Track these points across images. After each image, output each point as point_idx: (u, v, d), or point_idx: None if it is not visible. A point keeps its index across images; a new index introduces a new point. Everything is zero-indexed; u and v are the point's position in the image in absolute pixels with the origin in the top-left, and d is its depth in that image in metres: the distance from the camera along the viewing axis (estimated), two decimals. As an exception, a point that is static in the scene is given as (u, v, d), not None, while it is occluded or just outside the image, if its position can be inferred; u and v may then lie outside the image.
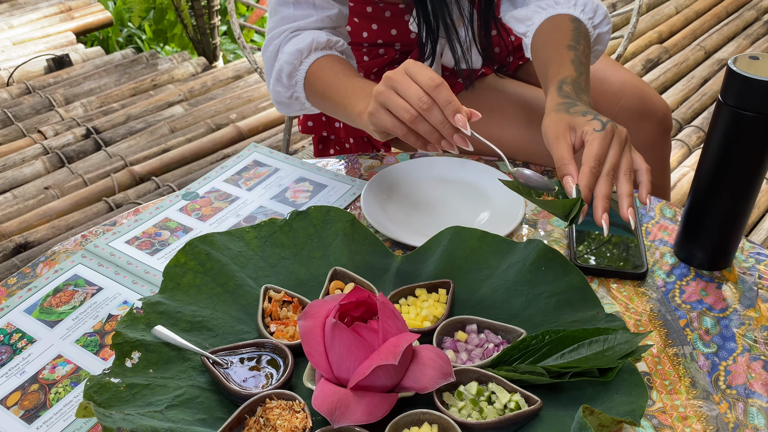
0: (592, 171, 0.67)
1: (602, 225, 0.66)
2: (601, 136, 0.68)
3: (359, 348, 0.57)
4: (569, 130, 0.71)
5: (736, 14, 2.85)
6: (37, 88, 2.32)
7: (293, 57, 0.87)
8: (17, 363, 0.69)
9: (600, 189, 0.67)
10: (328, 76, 0.85)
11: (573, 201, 0.67)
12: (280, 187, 0.95)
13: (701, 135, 2.08)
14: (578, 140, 0.71)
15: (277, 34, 0.91)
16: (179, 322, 0.68)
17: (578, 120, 0.71)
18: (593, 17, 0.90)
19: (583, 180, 0.66)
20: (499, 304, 0.71)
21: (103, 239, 0.85)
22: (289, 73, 0.88)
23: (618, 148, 0.69)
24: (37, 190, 1.84)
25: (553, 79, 0.80)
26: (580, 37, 0.86)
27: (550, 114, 0.75)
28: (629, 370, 0.61)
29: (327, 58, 0.88)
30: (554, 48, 0.85)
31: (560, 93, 0.77)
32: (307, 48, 0.87)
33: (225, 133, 2.08)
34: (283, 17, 0.91)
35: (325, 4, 0.90)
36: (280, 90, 0.91)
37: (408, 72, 0.69)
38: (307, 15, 0.91)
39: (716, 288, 0.78)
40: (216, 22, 2.71)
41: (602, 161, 0.68)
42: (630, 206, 0.67)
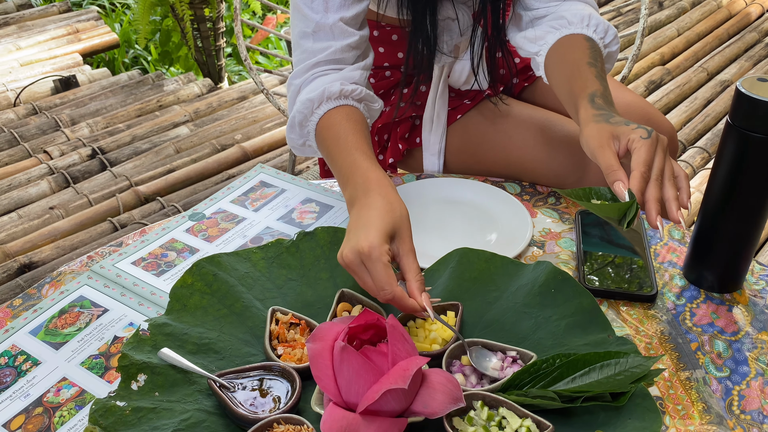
0: (643, 176, 0.69)
1: (658, 227, 0.68)
2: (648, 143, 0.70)
3: (368, 372, 0.56)
4: (613, 138, 0.73)
5: (737, 36, 2.87)
6: (44, 108, 2.33)
7: (305, 107, 0.86)
8: (21, 386, 0.68)
9: (651, 193, 0.69)
10: (332, 140, 0.83)
11: (628, 204, 0.69)
12: (287, 208, 0.94)
13: (705, 156, 2.08)
14: (623, 148, 0.73)
15: (300, 72, 0.90)
16: (186, 344, 0.67)
17: (622, 129, 0.73)
18: (604, 37, 0.91)
19: (635, 184, 0.68)
20: (508, 327, 0.70)
21: (109, 260, 0.84)
22: (300, 122, 0.88)
23: (662, 155, 0.71)
24: (42, 210, 1.85)
25: (581, 93, 0.81)
26: (597, 55, 0.87)
27: (589, 125, 0.76)
28: (642, 395, 0.60)
29: (337, 112, 0.85)
30: (575, 65, 0.86)
31: (593, 105, 0.79)
32: (318, 98, 0.85)
33: (230, 154, 2.09)
34: (305, 50, 0.90)
35: (344, 32, 0.89)
36: (294, 137, 0.91)
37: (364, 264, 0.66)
38: (326, 47, 0.89)
39: (727, 311, 0.77)
40: (221, 43, 2.74)
41: (650, 167, 0.70)
42: (678, 209, 0.69)
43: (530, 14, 0.98)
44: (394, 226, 0.69)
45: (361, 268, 0.67)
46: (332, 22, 0.88)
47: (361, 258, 0.66)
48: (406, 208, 0.72)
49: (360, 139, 0.81)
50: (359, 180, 0.75)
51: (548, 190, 0.98)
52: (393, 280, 0.65)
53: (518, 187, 0.99)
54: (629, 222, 0.69)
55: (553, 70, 0.91)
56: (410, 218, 0.90)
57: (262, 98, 2.44)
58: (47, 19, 2.88)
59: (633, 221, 0.69)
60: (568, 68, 0.87)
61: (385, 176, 0.76)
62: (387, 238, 0.67)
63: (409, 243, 0.69)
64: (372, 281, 0.66)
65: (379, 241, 0.66)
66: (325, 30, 0.88)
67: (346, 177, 0.78)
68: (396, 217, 0.70)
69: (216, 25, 2.69)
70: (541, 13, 0.97)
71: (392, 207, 0.71)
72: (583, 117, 0.78)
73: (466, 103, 1.06)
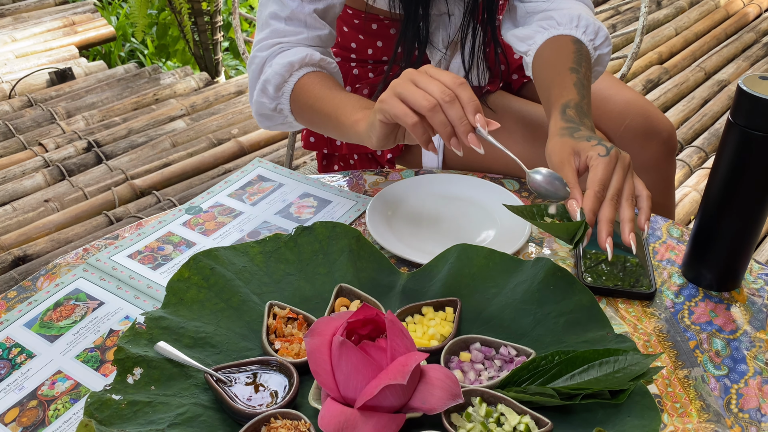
0: (596, 195, 0.68)
1: (606, 249, 0.67)
2: (605, 161, 0.69)
3: (367, 367, 0.56)
4: (574, 154, 0.72)
5: (735, 36, 2.87)
6: (39, 101, 2.32)
7: (283, 69, 0.87)
8: (16, 378, 0.68)
9: (604, 213, 0.68)
10: (319, 89, 0.85)
11: (577, 224, 0.68)
12: (285, 203, 0.94)
13: (702, 155, 2.08)
14: (582, 165, 0.72)
15: (266, 46, 0.91)
16: (182, 338, 0.67)
17: (582, 145, 0.72)
18: (594, 39, 0.90)
19: (587, 204, 0.67)
20: (507, 323, 0.70)
21: (105, 253, 0.84)
22: (277, 84, 0.88)
23: (621, 173, 0.70)
24: (37, 203, 1.83)
25: (556, 102, 0.80)
26: (581, 59, 0.86)
27: (554, 138, 0.75)
28: (641, 393, 0.60)
29: (318, 73, 0.88)
30: (556, 70, 0.85)
31: (564, 117, 0.78)
32: (299, 62, 0.87)
33: (226, 148, 2.08)
34: (274, 30, 0.91)
35: (316, 23, 0.91)
36: (264, 101, 0.91)
37: (429, 72, 0.70)
38: (297, 32, 0.91)
39: (725, 309, 0.77)
40: (219, 37, 2.72)
41: (606, 186, 0.69)
42: (631, 231, 0.68)
43: (524, 7, 0.97)
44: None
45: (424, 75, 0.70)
46: (307, 12, 0.90)
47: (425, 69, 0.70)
48: None
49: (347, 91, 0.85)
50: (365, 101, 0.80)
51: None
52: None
53: (517, 183, 0.99)
54: (577, 242, 0.68)
55: (537, 73, 0.91)
56: (408, 214, 0.91)
57: (259, 93, 2.43)
58: (43, 11, 2.86)
59: (582, 241, 0.68)
60: (550, 73, 0.87)
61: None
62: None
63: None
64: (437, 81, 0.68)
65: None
66: (299, 18, 0.90)
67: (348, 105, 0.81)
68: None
69: (213, 19, 2.68)
70: (535, 8, 0.96)
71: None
72: (551, 129, 0.78)
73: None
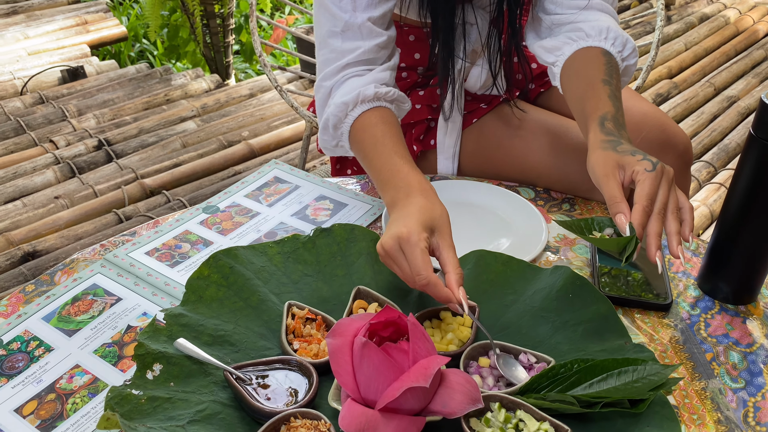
0: (645, 210, 0.69)
1: (656, 262, 0.68)
2: (652, 177, 0.70)
3: (389, 369, 0.56)
4: (618, 168, 0.73)
5: (744, 53, 2.88)
6: (51, 98, 2.33)
7: (339, 110, 0.87)
8: (34, 371, 0.68)
9: (653, 227, 0.69)
10: (369, 143, 0.84)
11: (627, 239, 0.69)
12: (301, 204, 0.94)
13: (711, 170, 2.08)
14: (627, 178, 0.72)
15: (330, 74, 0.90)
16: (201, 336, 0.67)
17: (628, 159, 0.73)
18: (622, 50, 0.91)
19: (637, 218, 0.68)
20: (525, 330, 0.70)
21: (123, 249, 0.84)
22: (335, 124, 0.88)
23: (667, 188, 0.71)
24: (47, 200, 1.84)
25: (592, 114, 0.80)
26: (612, 71, 0.87)
27: (596, 151, 0.75)
28: (660, 403, 0.60)
29: (372, 114, 0.86)
30: (589, 82, 0.85)
31: (603, 130, 0.78)
32: (353, 101, 0.86)
33: (236, 150, 2.08)
34: (333, 50, 0.90)
35: (372, 32, 0.89)
36: (326, 138, 0.92)
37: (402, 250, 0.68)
38: (356, 47, 0.89)
39: (741, 323, 0.77)
40: (230, 40, 2.74)
41: (653, 200, 0.70)
42: (679, 243, 0.69)
43: (550, 19, 0.97)
44: (434, 221, 0.71)
45: (399, 254, 0.68)
46: (361, 22, 0.88)
47: (399, 243, 0.68)
48: (446, 209, 0.73)
49: (397, 142, 0.82)
50: (401, 183, 0.76)
51: (562, 196, 0.98)
52: (429, 267, 0.66)
53: (532, 192, 0.99)
54: (628, 257, 0.69)
55: (568, 85, 0.91)
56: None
57: (270, 96, 2.43)
58: (56, 9, 2.87)
59: (632, 256, 0.69)
60: (582, 85, 0.87)
61: (425, 180, 0.77)
62: (426, 229, 0.69)
63: (448, 239, 0.70)
64: (409, 267, 0.67)
65: (417, 228, 0.68)
66: (353, 29, 0.88)
67: (386, 180, 0.79)
68: (436, 214, 0.71)
69: (225, 21, 2.69)
70: (561, 20, 0.96)
71: (433, 206, 0.72)
72: (592, 142, 0.78)
73: (482, 107, 1.06)
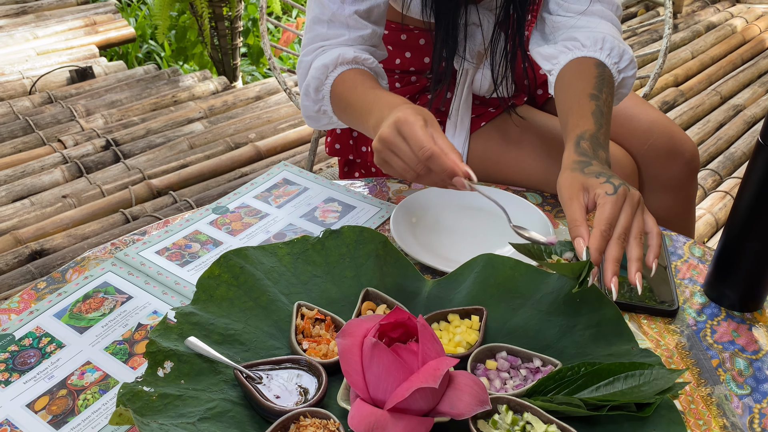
0: (602, 234, 0.67)
1: (611, 289, 0.67)
2: (612, 200, 0.69)
3: (398, 369, 0.56)
4: (582, 190, 0.72)
5: (751, 62, 2.88)
6: (59, 98, 2.34)
7: (319, 72, 0.89)
8: (46, 367, 0.69)
9: (610, 252, 0.67)
10: (349, 89, 0.87)
11: (582, 264, 0.67)
12: (309, 206, 0.95)
13: (717, 178, 2.09)
14: (591, 201, 0.71)
15: (310, 51, 0.93)
16: (212, 335, 0.68)
17: (591, 181, 0.72)
18: (618, 62, 0.90)
19: (593, 243, 0.67)
20: (532, 334, 0.71)
21: (133, 248, 0.85)
22: (316, 87, 0.90)
23: (630, 211, 0.69)
24: (54, 199, 1.85)
25: (571, 132, 0.80)
26: (603, 84, 0.86)
27: (566, 172, 0.75)
28: (667, 407, 0.60)
29: (351, 71, 0.89)
30: (576, 96, 0.85)
31: (577, 150, 0.77)
32: (333, 63, 0.88)
33: (243, 152, 2.09)
34: (317, 35, 0.93)
35: (357, 24, 0.92)
36: (308, 104, 0.94)
37: (401, 133, 0.69)
38: (339, 35, 0.92)
39: (748, 330, 0.77)
40: (238, 43, 2.75)
41: (613, 225, 0.68)
42: (638, 270, 0.67)
43: (552, 19, 0.97)
44: (426, 115, 0.72)
45: (398, 138, 0.68)
46: (347, 14, 0.91)
47: (398, 127, 0.68)
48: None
49: (376, 84, 0.85)
50: (384, 105, 0.78)
51: (570, 202, 0.99)
52: (431, 140, 0.67)
53: (540, 197, 1.00)
54: (581, 282, 0.66)
55: (558, 96, 0.91)
56: (432, 222, 0.92)
57: (277, 98, 2.45)
58: (65, 10, 2.89)
59: (587, 281, 0.67)
60: (569, 98, 0.86)
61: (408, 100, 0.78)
62: (420, 116, 0.70)
63: (440, 130, 0.71)
64: (409, 149, 0.67)
65: (413, 113, 0.69)
66: (340, 20, 0.91)
67: (369, 109, 0.80)
68: (425, 112, 0.73)
69: (234, 24, 2.70)
70: (560, 22, 0.96)
71: (420, 108, 0.73)
72: (564, 161, 0.77)
73: (490, 111, 1.07)
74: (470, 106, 1.06)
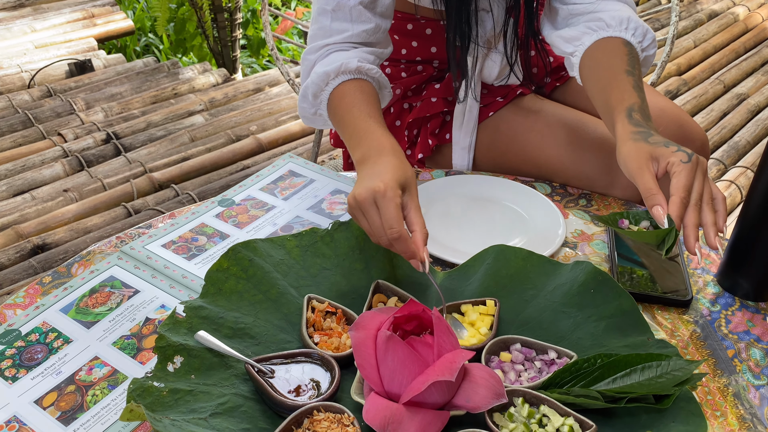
0: (683, 201, 0.68)
1: (696, 254, 0.68)
2: (688, 168, 0.70)
3: (413, 362, 0.55)
4: (652, 160, 0.72)
5: (754, 50, 2.86)
6: (59, 91, 2.32)
7: (320, 78, 0.88)
8: (53, 363, 0.68)
9: (690, 219, 0.69)
10: (345, 108, 0.85)
11: (666, 231, 0.69)
12: (316, 198, 0.94)
13: (721, 168, 2.08)
14: (662, 170, 0.72)
15: (314, 49, 0.92)
16: (221, 328, 0.67)
17: (662, 150, 0.72)
18: (642, 41, 0.90)
19: (675, 210, 0.68)
20: (546, 326, 0.70)
21: (139, 242, 0.84)
22: (314, 93, 0.90)
23: (702, 179, 0.71)
24: (55, 193, 1.84)
25: (618, 105, 0.80)
26: (634, 61, 0.86)
27: (627, 143, 0.75)
28: (686, 399, 0.59)
29: (352, 84, 0.87)
30: (612, 72, 0.85)
31: (631, 121, 0.77)
32: (335, 71, 0.87)
33: (245, 145, 2.08)
34: (321, 27, 0.92)
35: (362, 16, 0.90)
36: (306, 107, 0.93)
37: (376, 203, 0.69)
38: (342, 29, 0.90)
39: (763, 319, 0.76)
40: (237, 34, 2.73)
41: (690, 192, 0.70)
42: (716, 235, 0.69)
43: (567, 9, 0.96)
44: (406, 180, 0.72)
45: (372, 207, 0.69)
46: (352, 4, 0.90)
47: (374, 197, 0.69)
48: (414, 171, 0.74)
49: (373, 108, 0.84)
50: (373, 143, 0.78)
51: (579, 192, 0.98)
52: (402, 221, 0.67)
53: (549, 187, 0.99)
54: (668, 249, 0.69)
55: (588, 75, 0.90)
56: (439, 214, 0.91)
57: (278, 90, 2.43)
58: (63, 3, 2.87)
59: (672, 248, 0.69)
60: (604, 75, 0.86)
61: (397, 144, 0.78)
62: (399, 186, 0.70)
63: (416, 200, 0.72)
64: (380, 221, 0.68)
65: (393, 184, 0.69)
66: (344, 11, 0.90)
67: (359, 139, 0.80)
68: (408, 174, 0.73)
69: (233, 15, 2.68)
70: (578, 10, 0.95)
71: (404, 165, 0.73)
72: (621, 133, 0.77)
73: (498, 100, 1.06)
74: (479, 95, 1.04)
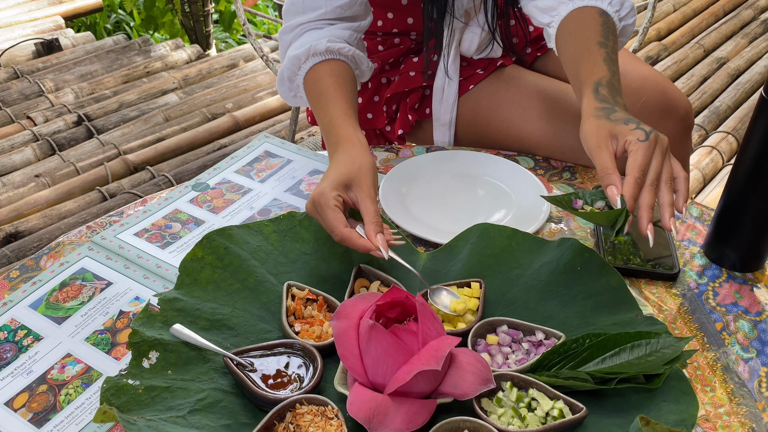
0: (637, 181, 0.66)
1: (648, 235, 0.65)
2: (645, 146, 0.67)
3: (398, 351, 0.54)
4: (611, 137, 0.70)
5: (733, 13, 2.85)
6: (26, 72, 2.25)
7: (292, 63, 0.89)
8: (23, 362, 0.65)
9: (645, 199, 0.66)
10: (316, 95, 0.86)
11: (618, 212, 0.66)
12: (294, 179, 0.91)
13: (702, 134, 2.07)
14: (620, 148, 0.70)
15: (290, 27, 0.92)
16: (198, 320, 0.64)
17: (620, 128, 0.70)
18: (620, 10, 0.87)
19: (628, 190, 0.66)
20: (532, 306, 0.68)
21: (111, 231, 0.81)
22: (289, 77, 0.91)
23: (660, 158, 0.68)
24: (27, 178, 1.78)
25: (587, 80, 0.78)
26: (609, 32, 0.84)
27: (589, 119, 0.73)
28: (676, 377, 0.58)
29: (323, 66, 0.87)
30: (584, 44, 0.82)
31: (597, 96, 0.75)
32: (304, 55, 0.88)
33: (221, 123, 2.03)
34: (294, 3, 0.91)
35: None
36: (284, 90, 0.94)
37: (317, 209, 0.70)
38: (316, 6, 0.90)
39: (750, 290, 0.75)
40: (210, 9, 2.65)
41: (646, 171, 0.67)
42: (671, 216, 0.66)
43: None
44: (350, 177, 0.71)
45: (316, 215, 0.71)
46: None
47: (314, 205, 0.70)
48: (370, 159, 0.74)
49: (339, 93, 0.84)
50: (332, 138, 0.79)
51: (563, 165, 0.96)
52: (340, 223, 0.68)
53: (532, 161, 0.96)
54: (618, 230, 0.66)
55: (563, 46, 0.88)
56: (420, 192, 0.88)
57: (253, 66, 2.37)
58: (27, -20, 2.76)
59: (623, 229, 0.66)
60: (577, 46, 0.84)
61: (354, 132, 0.78)
62: (338, 187, 0.70)
63: (367, 190, 0.71)
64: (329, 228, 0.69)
65: (328, 188, 0.70)
66: None
67: (326, 133, 0.81)
68: (354, 169, 0.72)
69: (205, -11, 2.61)
70: None
71: (352, 160, 0.73)
72: (585, 109, 0.75)
73: (478, 72, 1.03)
74: (458, 68, 1.01)
